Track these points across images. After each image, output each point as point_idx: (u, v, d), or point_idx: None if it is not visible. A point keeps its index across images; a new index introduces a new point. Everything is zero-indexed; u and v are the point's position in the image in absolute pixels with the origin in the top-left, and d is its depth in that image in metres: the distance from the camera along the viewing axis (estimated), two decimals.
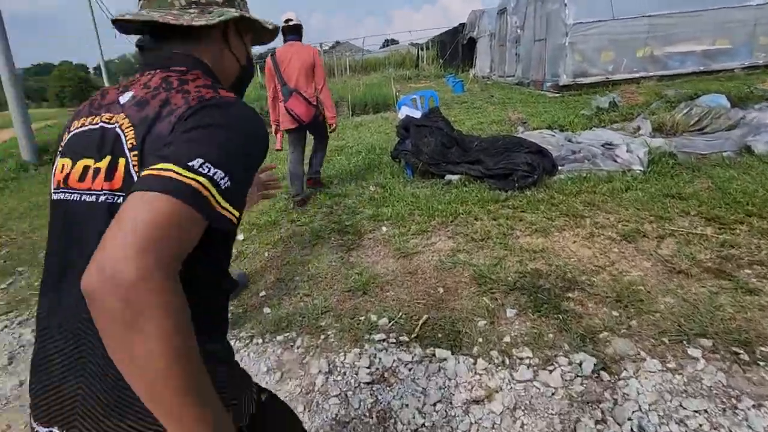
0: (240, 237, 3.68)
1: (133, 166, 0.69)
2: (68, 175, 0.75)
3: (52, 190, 0.78)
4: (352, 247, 3.26)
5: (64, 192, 0.75)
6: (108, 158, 0.71)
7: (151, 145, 0.68)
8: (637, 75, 9.33)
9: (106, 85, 22.66)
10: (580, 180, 3.89)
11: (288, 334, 2.38)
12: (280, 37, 3.90)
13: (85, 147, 0.75)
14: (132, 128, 0.71)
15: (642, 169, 3.93)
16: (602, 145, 4.57)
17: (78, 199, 0.72)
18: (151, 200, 0.54)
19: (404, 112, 5.05)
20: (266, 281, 2.97)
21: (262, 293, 2.83)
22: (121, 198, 0.68)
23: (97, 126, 0.75)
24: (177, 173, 0.57)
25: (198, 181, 0.58)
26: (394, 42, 45.80)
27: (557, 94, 9.75)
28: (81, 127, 0.78)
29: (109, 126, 0.73)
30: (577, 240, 2.92)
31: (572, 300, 2.31)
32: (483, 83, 14.77)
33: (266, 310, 2.63)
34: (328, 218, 3.89)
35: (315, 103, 3.98)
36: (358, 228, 3.56)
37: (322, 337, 2.31)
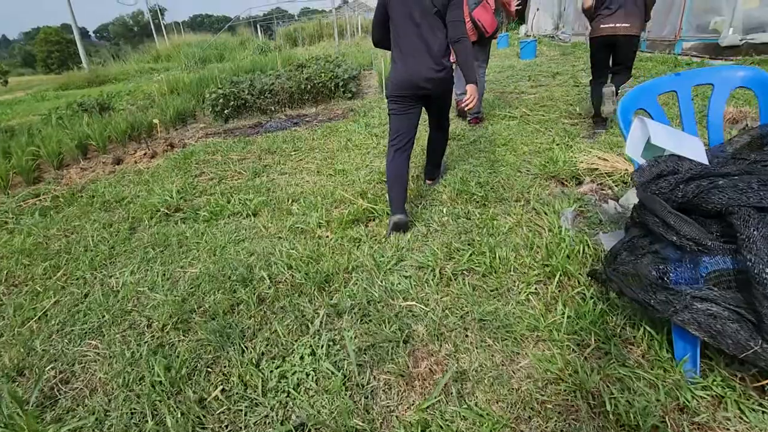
0: None
1: None
2: None
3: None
4: None
5: None
6: None
7: None
8: None
9: (81, 50, 18.84)
10: None
11: None
12: None
13: None
14: None
15: None
16: None
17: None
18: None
19: (643, 135, 1.62)
20: None
21: None
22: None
23: None
24: None
25: None
26: None
27: (698, 59, 6.15)
28: None
29: None
30: None
31: None
32: (555, 45, 10.97)
33: None
34: None
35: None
36: None
37: None
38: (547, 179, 2.98)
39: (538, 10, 12.78)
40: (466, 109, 2.52)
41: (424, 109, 2.72)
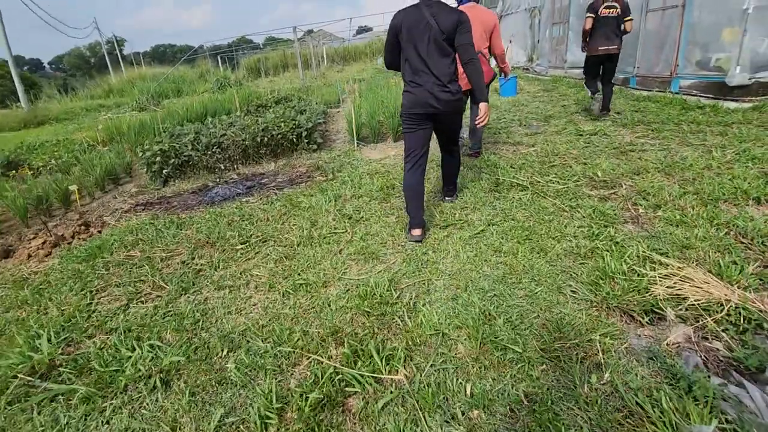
0: None
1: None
2: None
3: None
4: None
5: None
6: None
7: None
8: None
9: (18, 85, 17.15)
10: None
11: None
12: None
13: None
14: None
15: None
16: None
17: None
18: None
19: None
20: None
21: None
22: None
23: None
24: None
25: None
26: (368, 30, 42.38)
27: (709, 101, 5.54)
28: None
29: None
30: None
31: None
32: (532, 78, 10.43)
33: None
34: None
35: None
36: None
37: None
38: (607, 310, 2.02)
39: (510, 42, 12.35)
40: (478, 126, 2.93)
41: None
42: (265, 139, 5.56)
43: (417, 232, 2.85)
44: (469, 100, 4.29)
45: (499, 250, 2.62)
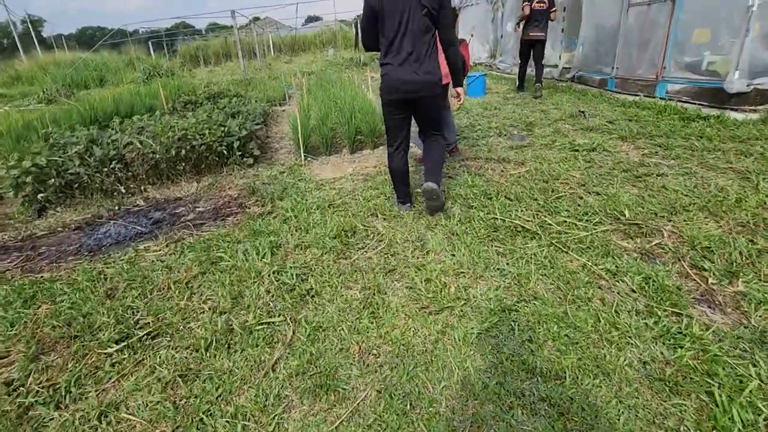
0: None
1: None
2: None
3: None
4: None
5: None
6: None
7: None
8: None
9: None
10: None
11: None
12: None
13: None
14: None
15: None
16: None
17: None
18: None
19: None
20: None
21: None
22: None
23: None
24: None
25: None
26: (318, 19, 40.86)
27: (712, 111, 4.93)
28: None
29: None
30: None
31: None
32: (497, 76, 9.63)
33: None
34: None
35: None
36: None
37: None
38: None
39: (472, 36, 11.55)
40: (455, 110, 3.41)
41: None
42: (183, 151, 4.27)
43: (406, 205, 3.07)
44: None
45: (530, 368, 1.64)
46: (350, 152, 4.83)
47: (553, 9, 6.69)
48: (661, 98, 5.66)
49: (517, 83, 7.49)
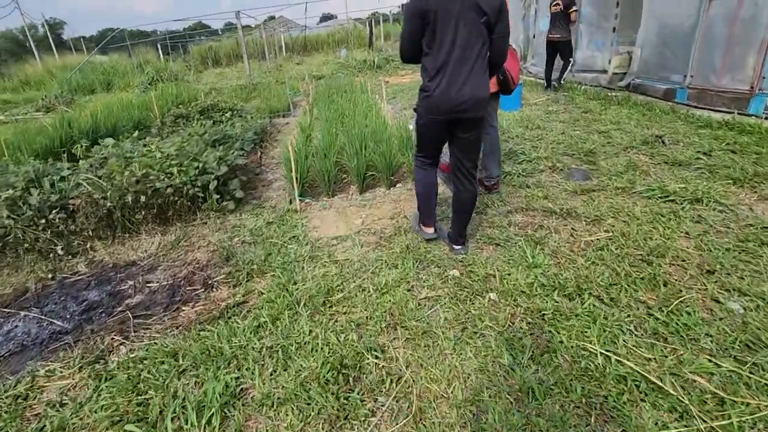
0: None
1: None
2: None
3: None
4: None
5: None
6: None
7: None
8: None
9: None
10: None
11: None
12: None
13: None
14: None
15: None
16: None
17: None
18: None
19: None
20: None
21: None
22: None
23: None
24: None
25: None
26: (332, 17, 39.95)
27: None
28: None
29: None
30: None
31: None
32: (530, 83, 8.43)
33: None
34: None
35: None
36: None
37: None
38: None
39: None
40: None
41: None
42: (142, 198, 3.28)
43: (430, 229, 2.74)
44: None
45: None
46: (360, 192, 3.77)
47: (572, 9, 6.61)
48: (756, 116, 4.45)
49: (545, 84, 7.51)
